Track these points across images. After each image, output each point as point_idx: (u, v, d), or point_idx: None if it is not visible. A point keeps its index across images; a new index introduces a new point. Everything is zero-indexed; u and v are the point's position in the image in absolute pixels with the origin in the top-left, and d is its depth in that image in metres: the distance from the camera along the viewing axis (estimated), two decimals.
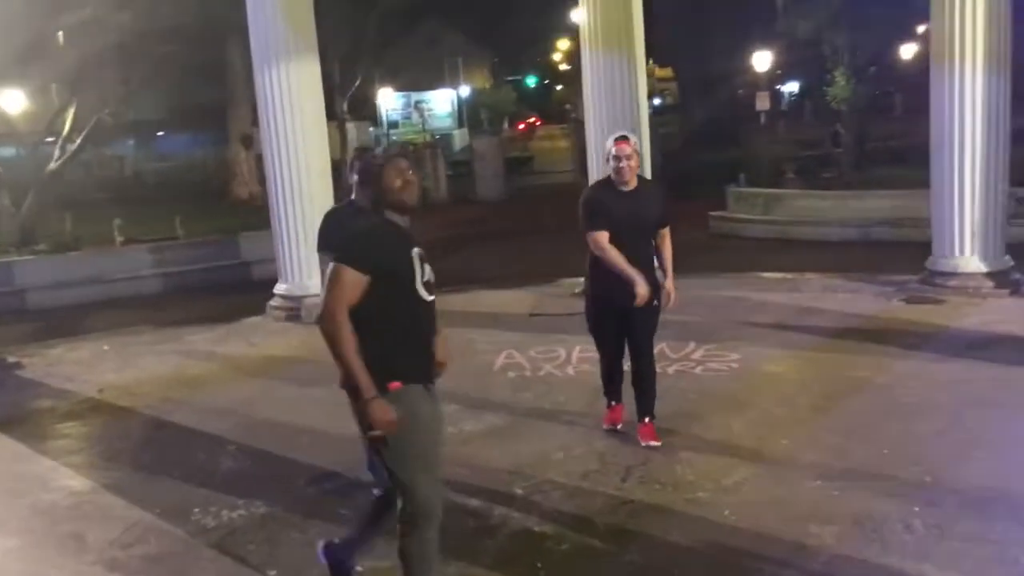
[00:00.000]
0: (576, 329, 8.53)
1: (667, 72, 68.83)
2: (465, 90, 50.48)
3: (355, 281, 3.31)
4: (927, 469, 4.85)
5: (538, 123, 60.58)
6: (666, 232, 5.44)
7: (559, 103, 77.06)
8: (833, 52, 20.67)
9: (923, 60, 30.64)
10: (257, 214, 15.30)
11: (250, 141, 26.57)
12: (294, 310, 9.73)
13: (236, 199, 26.50)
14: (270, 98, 9.50)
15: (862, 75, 21.35)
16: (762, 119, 23.74)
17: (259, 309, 10.19)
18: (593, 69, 9.87)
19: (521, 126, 56.95)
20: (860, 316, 8.23)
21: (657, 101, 58.56)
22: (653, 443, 5.35)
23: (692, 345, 7.52)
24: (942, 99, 8.63)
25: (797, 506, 4.55)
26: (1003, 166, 8.65)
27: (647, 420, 5.43)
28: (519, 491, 4.96)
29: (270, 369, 7.98)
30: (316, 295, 9.78)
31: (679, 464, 5.16)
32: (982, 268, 8.65)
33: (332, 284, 3.33)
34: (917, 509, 4.41)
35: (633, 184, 5.26)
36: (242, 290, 12.75)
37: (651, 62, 71.40)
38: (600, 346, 5.61)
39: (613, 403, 5.67)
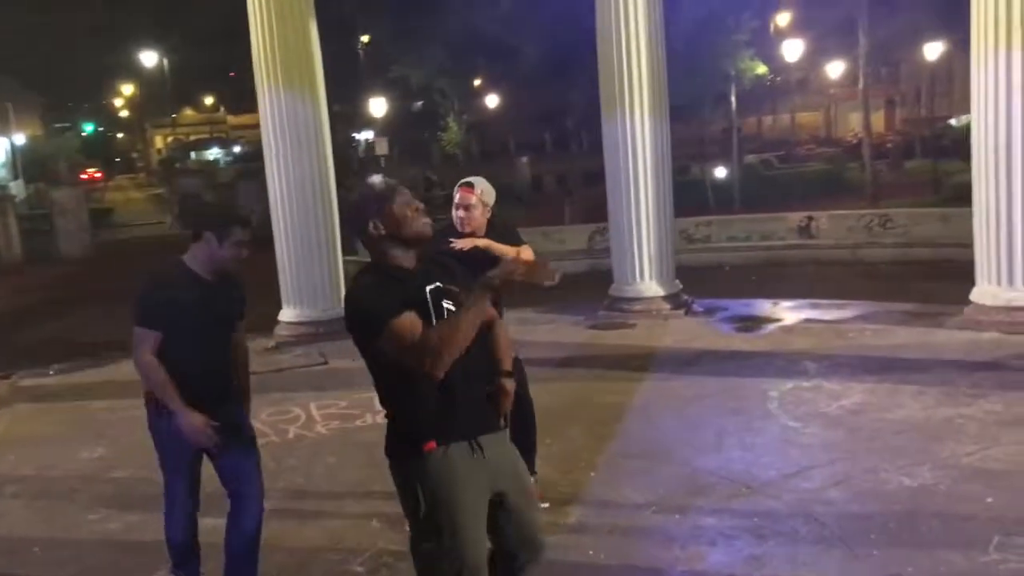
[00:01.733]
0: (295, 385, 7.99)
1: (247, 119, 67.96)
2: (20, 138, 45.04)
3: (411, 321, 2.85)
4: (738, 480, 5.14)
5: (98, 176, 55.95)
6: None
7: (124, 151, 72.20)
8: (444, 99, 21.64)
9: (500, 110, 32.52)
10: None
11: None
12: None
13: None
14: None
15: (461, 122, 22.62)
16: (382, 163, 24.29)
17: None
18: (272, 106, 9.30)
19: (84, 176, 52.27)
20: (573, 344, 8.60)
21: (237, 149, 57.27)
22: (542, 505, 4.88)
23: None
24: (616, 144, 9.37)
25: (652, 534, 4.57)
26: (670, 200, 9.60)
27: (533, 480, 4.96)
28: (359, 568, 4.42)
29: None
30: None
31: None
32: (660, 292, 9.50)
33: (402, 342, 2.83)
34: (756, 520, 4.64)
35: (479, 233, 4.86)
36: None
37: (222, 111, 69.88)
38: None
39: None
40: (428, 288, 2.98)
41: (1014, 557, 4.08)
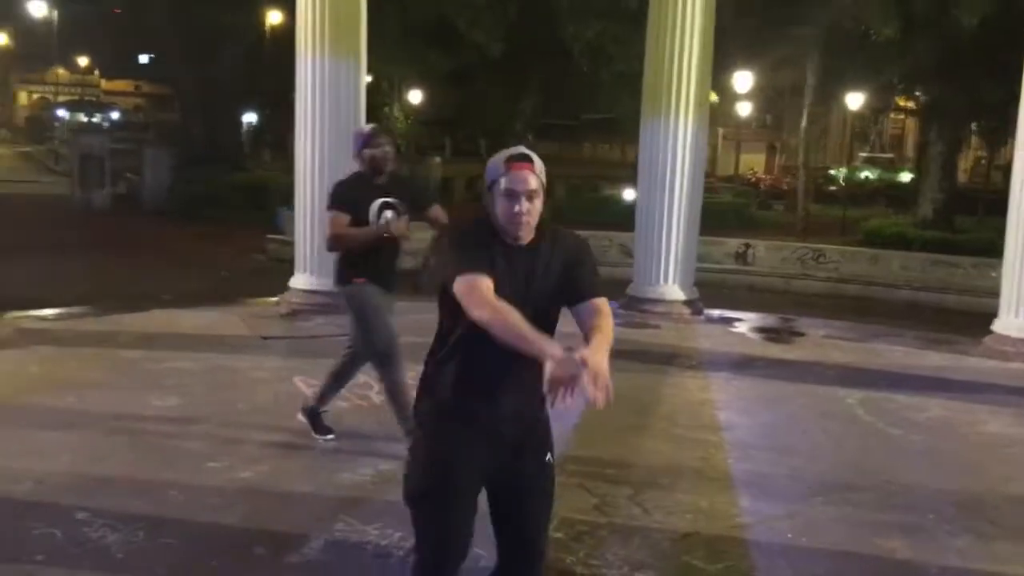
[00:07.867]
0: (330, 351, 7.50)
1: (122, 85, 64.35)
2: None
3: None
4: (882, 476, 5.20)
5: None
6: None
7: None
8: (390, 87, 21.09)
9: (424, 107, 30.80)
10: None
11: None
12: None
13: None
14: None
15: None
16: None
17: None
18: (314, 74, 8.86)
19: None
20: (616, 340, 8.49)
21: (116, 115, 54.22)
22: None
23: None
24: (656, 146, 9.36)
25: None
26: (699, 205, 9.66)
27: None
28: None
29: None
30: None
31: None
32: (681, 296, 9.54)
33: None
34: (931, 516, 4.67)
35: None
36: None
37: (96, 74, 66.02)
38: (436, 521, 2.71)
39: None
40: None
41: None
